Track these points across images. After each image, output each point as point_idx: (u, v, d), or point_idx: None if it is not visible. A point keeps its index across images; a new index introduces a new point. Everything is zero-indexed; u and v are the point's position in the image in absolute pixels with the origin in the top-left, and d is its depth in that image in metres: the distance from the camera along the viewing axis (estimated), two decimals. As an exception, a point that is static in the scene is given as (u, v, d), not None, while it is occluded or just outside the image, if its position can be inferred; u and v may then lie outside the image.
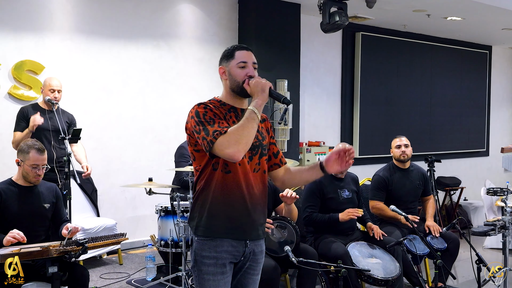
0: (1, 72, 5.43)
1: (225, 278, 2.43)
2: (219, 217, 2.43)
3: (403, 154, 4.91)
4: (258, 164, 2.50)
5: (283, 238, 3.81)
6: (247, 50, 2.52)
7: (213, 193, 2.42)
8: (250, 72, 2.46)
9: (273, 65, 7.10)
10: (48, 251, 3.11)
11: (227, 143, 2.30)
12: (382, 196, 4.83)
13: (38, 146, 3.58)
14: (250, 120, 2.33)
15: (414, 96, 9.36)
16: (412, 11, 7.66)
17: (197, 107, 2.45)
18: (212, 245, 2.41)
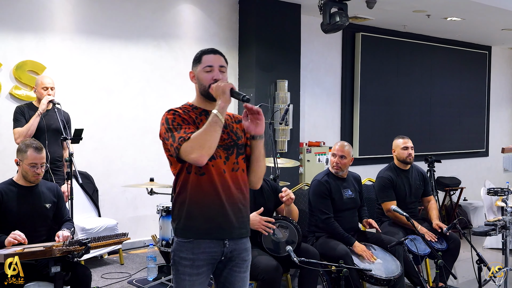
0: (2, 72, 5.43)
1: (200, 278, 2.51)
2: (196, 219, 2.50)
3: (410, 156, 4.91)
4: (236, 163, 2.56)
5: (285, 238, 3.81)
6: (215, 53, 2.57)
7: (189, 195, 2.50)
8: (215, 76, 2.51)
9: (274, 66, 7.11)
10: (51, 251, 3.11)
11: (190, 148, 2.37)
12: (392, 195, 4.78)
13: (36, 145, 3.57)
14: (212, 124, 2.38)
15: (414, 96, 9.37)
16: (412, 12, 7.68)
17: (166, 114, 2.52)
18: (190, 247, 2.49)
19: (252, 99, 6.93)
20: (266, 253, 3.74)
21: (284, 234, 3.82)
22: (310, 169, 7.75)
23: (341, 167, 4.41)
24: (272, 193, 4.07)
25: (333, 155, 4.46)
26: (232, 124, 2.64)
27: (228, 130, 2.59)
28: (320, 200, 4.36)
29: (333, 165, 4.44)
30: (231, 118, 2.67)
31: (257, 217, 3.72)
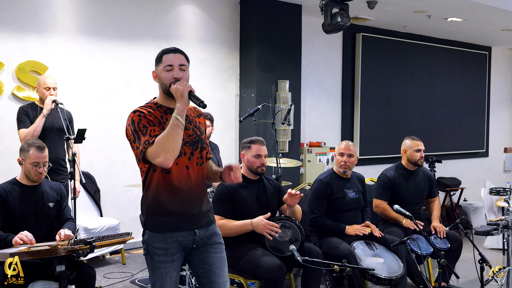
0: (4, 72, 5.44)
1: (175, 264, 2.67)
2: (165, 214, 2.64)
3: (422, 159, 4.92)
4: (200, 157, 2.71)
5: (288, 237, 3.82)
6: (175, 52, 2.65)
7: (157, 192, 2.62)
8: (176, 75, 2.59)
9: (275, 66, 7.13)
10: (57, 250, 3.13)
11: (155, 153, 2.49)
12: (386, 196, 4.84)
13: (38, 144, 3.59)
14: (174, 127, 2.49)
15: (414, 96, 9.38)
16: (413, 12, 7.70)
17: (132, 114, 2.60)
18: (162, 238, 2.64)
19: (253, 100, 6.95)
20: (269, 253, 3.75)
21: (287, 234, 3.83)
22: (311, 169, 7.76)
23: (349, 166, 4.44)
24: (275, 192, 4.08)
25: (340, 154, 4.46)
26: (195, 118, 2.76)
27: (192, 126, 2.71)
28: (315, 199, 4.40)
29: (341, 164, 4.44)
30: (193, 112, 2.78)
31: (263, 221, 3.73)
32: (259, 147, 3.96)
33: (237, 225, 3.79)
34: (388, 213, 4.77)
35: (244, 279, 3.82)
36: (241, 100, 7.17)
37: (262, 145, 3.98)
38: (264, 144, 4.00)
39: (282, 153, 6.93)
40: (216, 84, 7.00)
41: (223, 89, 7.08)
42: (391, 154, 8.87)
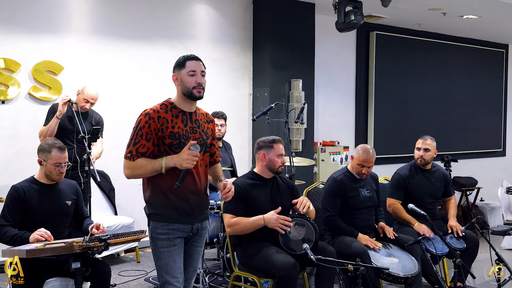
0: (21, 72, 5.49)
1: (176, 249, 2.94)
2: (170, 208, 2.91)
3: (420, 158, 4.87)
4: (201, 159, 2.99)
5: (302, 236, 3.82)
6: (196, 60, 2.96)
7: (164, 187, 2.89)
8: (199, 80, 2.91)
9: (288, 65, 7.12)
10: (72, 247, 3.16)
11: (126, 168, 2.89)
12: (400, 195, 4.81)
13: (59, 145, 3.63)
14: (153, 169, 2.84)
15: (429, 95, 9.30)
16: (428, 10, 7.64)
17: (143, 116, 2.89)
18: (165, 225, 2.92)
19: (266, 99, 6.95)
20: (283, 251, 3.74)
21: (301, 232, 3.83)
22: (324, 168, 7.74)
23: (365, 174, 4.44)
24: (289, 191, 4.08)
25: (360, 165, 4.43)
26: (204, 124, 3.05)
27: (200, 130, 3.00)
28: (329, 198, 4.38)
29: (358, 173, 4.43)
30: (204, 117, 3.08)
31: (274, 215, 3.73)
32: (280, 147, 3.98)
33: (249, 222, 3.80)
34: (400, 214, 4.73)
35: (257, 278, 3.82)
36: (254, 99, 7.17)
37: (282, 144, 4.01)
38: (283, 143, 4.03)
39: (296, 152, 6.92)
40: (229, 84, 7.01)
41: (236, 88, 7.09)
42: (406, 154, 8.81)
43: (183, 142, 2.89)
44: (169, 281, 2.91)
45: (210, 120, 3.13)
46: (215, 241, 4.81)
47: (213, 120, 3.16)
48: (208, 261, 5.49)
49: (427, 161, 4.87)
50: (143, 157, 2.85)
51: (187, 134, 2.92)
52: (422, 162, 4.86)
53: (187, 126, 2.95)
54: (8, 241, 3.39)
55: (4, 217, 3.47)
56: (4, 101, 5.41)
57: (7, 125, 5.42)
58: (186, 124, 2.95)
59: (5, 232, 3.40)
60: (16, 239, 3.35)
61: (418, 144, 4.91)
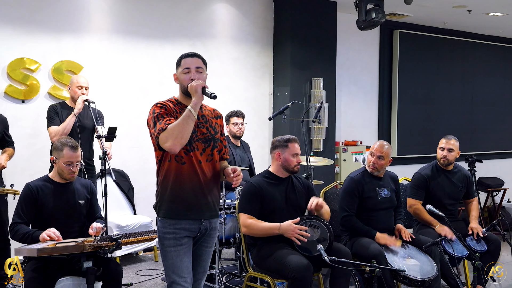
0: (41, 72, 5.55)
1: (183, 249, 2.92)
2: (177, 201, 2.90)
3: (444, 158, 4.76)
4: (210, 155, 2.99)
5: (316, 237, 3.76)
6: (192, 57, 2.96)
7: (172, 182, 2.90)
8: (192, 76, 2.90)
9: (309, 64, 7.05)
10: (83, 246, 3.16)
11: (165, 138, 2.77)
12: (421, 195, 4.70)
13: (72, 143, 3.63)
14: (185, 118, 2.78)
15: (454, 94, 9.14)
16: (452, 7, 7.48)
17: (155, 106, 2.92)
18: (172, 223, 2.91)
19: (287, 98, 6.89)
20: (297, 252, 3.69)
21: (316, 233, 3.77)
22: (346, 168, 7.65)
23: (377, 168, 4.33)
24: (304, 190, 4.03)
25: (371, 154, 4.37)
26: (212, 119, 3.06)
27: (208, 125, 3.01)
28: (346, 197, 4.30)
29: (369, 165, 4.35)
30: (212, 113, 3.10)
31: (291, 225, 3.68)
32: (296, 146, 3.94)
33: (265, 228, 3.76)
34: (422, 215, 4.62)
35: (271, 279, 3.77)
36: (274, 99, 7.13)
37: (297, 144, 3.96)
38: (298, 143, 3.98)
39: (317, 152, 6.85)
40: (249, 83, 6.97)
41: (256, 87, 7.05)
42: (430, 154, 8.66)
43: (192, 137, 2.88)
44: (177, 280, 2.90)
45: (218, 115, 3.15)
46: (231, 241, 4.78)
47: (221, 116, 3.18)
48: (225, 261, 5.46)
49: (450, 161, 4.77)
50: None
51: (194, 128, 2.89)
52: (445, 162, 4.75)
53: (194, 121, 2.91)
54: (20, 239, 3.41)
55: (18, 215, 3.50)
56: (24, 101, 5.47)
57: (27, 124, 5.48)
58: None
59: (17, 230, 3.42)
60: (27, 237, 3.38)
61: (442, 144, 4.80)
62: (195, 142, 2.92)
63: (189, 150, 2.89)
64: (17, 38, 5.42)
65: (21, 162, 5.41)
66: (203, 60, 2.99)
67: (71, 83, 4.85)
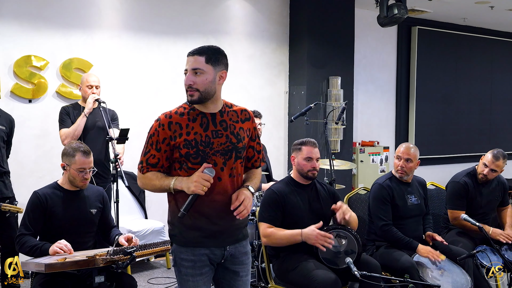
0: (49, 70, 5.33)
1: (204, 278, 2.50)
2: (193, 228, 2.47)
3: (483, 176, 4.41)
4: (233, 168, 2.51)
5: (343, 248, 3.50)
6: (192, 55, 2.49)
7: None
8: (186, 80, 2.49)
9: (326, 62, 6.81)
10: (94, 260, 2.92)
11: (138, 177, 2.53)
12: (463, 204, 4.37)
13: (84, 149, 3.37)
14: (162, 188, 2.47)
15: (474, 93, 8.91)
16: (474, 3, 7.23)
17: (155, 121, 2.50)
18: (190, 249, 2.49)
19: (303, 97, 6.66)
20: (323, 265, 3.44)
21: (343, 244, 3.51)
22: (363, 170, 7.41)
23: (406, 171, 4.06)
24: (329, 198, 3.77)
25: (397, 157, 4.11)
26: (234, 124, 2.55)
27: (227, 133, 2.51)
28: (380, 206, 4.02)
29: (398, 169, 4.09)
30: (237, 116, 2.59)
31: (314, 231, 3.41)
32: (310, 149, 3.66)
33: (286, 235, 3.49)
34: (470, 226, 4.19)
35: (295, 293, 3.52)
36: (290, 98, 6.88)
37: (314, 147, 3.68)
38: (316, 146, 3.70)
39: (334, 154, 6.60)
40: (264, 81, 6.73)
41: (271, 86, 6.81)
42: (449, 154, 8.46)
43: (202, 150, 2.43)
44: None
45: (248, 117, 2.62)
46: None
47: (251, 118, 2.63)
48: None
49: (489, 179, 4.45)
50: (154, 171, 2.47)
51: (207, 140, 2.45)
52: (483, 179, 4.44)
53: (208, 130, 2.47)
54: (27, 252, 3.16)
55: (25, 226, 3.25)
56: (31, 100, 5.25)
57: (35, 124, 5.26)
58: (207, 128, 2.47)
59: (24, 242, 3.18)
60: (35, 250, 3.13)
61: (487, 162, 4.40)
62: (212, 156, 2.44)
63: None
64: (24, 35, 5.20)
65: (29, 164, 5.20)
66: (206, 58, 2.46)
67: (82, 82, 4.64)
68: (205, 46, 2.50)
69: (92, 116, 4.54)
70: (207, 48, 2.48)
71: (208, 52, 2.47)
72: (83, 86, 4.59)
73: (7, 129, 4.35)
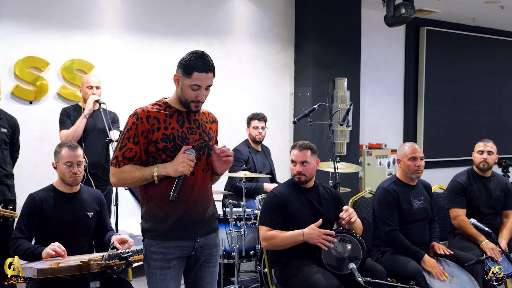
0: (50, 71, 5.26)
1: (171, 272, 2.54)
2: (164, 222, 2.53)
3: (484, 162, 4.38)
4: (206, 164, 2.63)
5: (347, 253, 3.39)
6: (207, 72, 2.52)
7: (158, 199, 2.53)
8: (199, 97, 2.54)
9: (332, 63, 6.70)
10: (89, 266, 2.83)
11: (112, 173, 2.52)
12: (463, 203, 4.30)
13: (70, 143, 3.31)
14: (143, 178, 2.48)
15: (483, 94, 8.79)
16: (484, 3, 7.10)
17: (131, 116, 2.58)
18: (160, 242, 2.54)
19: (308, 99, 6.57)
20: (326, 271, 3.33)
21: (347, 249, 3.40)
22: (370, 173, 7.29)
23: (422, 170, 3.96)
24: (333, 202, 3.65)
25: (411, 159, 3.96)
26: (206, 123, 2.71)
27: (200, 131, 2.65)
28: (385, 210, 3.90)
29: (415, 170, 3.94)
30: (206, 117, 2.74)
31: (315, 230, 3.31)
32: (295, 152, 3.56)
33: (287, 237, 3.40)
34: (466, 229, 4.18)
35: (297, 300, 3.41)
36: (295, 99, 6.78)
37: (300, 150, 3.54)
38: (304, 149, 3.54)
39: (340, 156, 6.48)
40: (269, 82, 6.64)
41: (276, 87, 6.71)
42: (458, 157, 8.32)
43: (179, 144, 2.53)
44: None
45: (213, 120, 2.79)
46: (251, 254, 4.45)
47: (216, 121, 2.82)
48: (243, 273, 5.12)
49: (490, 165, 4.40)
50: (130, 163, 2.50)
51: (184, 135, 2.56)
52: (485, 166, 4.37)
53: (184, 127, 2.58)
54: (21, 255, 3.07)
55: (19, 229, 3.17)
56: (32, 102, 5.19)
57: (35, 126, 5.19)
58: (183, 124, 2.58)
59: (18, 246, 3.09)
60: (28, 254, 3.04)
61: (480, 147, 4.42)
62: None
63: None
64: (24, 36, 5.14)
65: (29, 166, 5.12)
66: (214, 73, 2.57)
67: (82, 83, 4.58)
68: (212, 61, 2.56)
69: (92, 119, 4.48)
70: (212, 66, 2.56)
71: (214, 70, 2.58)
72: (84, 87, 4.53)
73: (10, 132, 4.29)
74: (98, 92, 4.52)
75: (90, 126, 4.45)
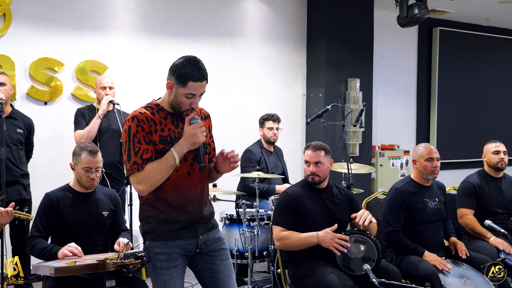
0: (64, 72, 5.31)
1: (178, 270, 2.56)
2: (166, 222, 2.54)
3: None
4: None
5: (361, 254, 3.38)
6: (201, 81, 2.51)
7: (156, 200, 2.54)
8: (193, 104, 2.54)
9: (344, 63, 6.70)
10: (105, 264, 2.86)
11: (139, 180, 2.46)
12: (472, 203, 4.30)
13: (91, 148, 3.32)
14: (168, 166, 2.46)
15: (497, 95, 8.72)
16: (498, 3, 7.05)
17: (130, 122, 2.52)
18: (164, 243, 2.55)
19: (321, 99, 6.56)
20: (340, 271, 3.32)
21: (361, 250, 3.39)
22: (383, 174, 7.26)
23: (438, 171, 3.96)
24: (347, 203, 3.64)
25: (428, 160, 3.94)
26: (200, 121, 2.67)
27: None
28: (391, 211, 3.90)
29: (432, 171, 3.93)
30: (199, 114, 2.69)
31: (329, 234, 3.31)
32: (308, 153, 3.57)
33: (301, 238, 3.40)
34: (474, 227, 4.21)
35: (311, 300, 3.40)
36: (308, 100, 6.78)
37: (314, 151, 3.55)
38: (317, 150, 3.54)
39: (353, 157, 6.46)
40: (281, 83, 6.64)
41: (288, 88, 6.71)
42: (472, 158, 8.25)
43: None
44: None
45: (206, 116, 2.76)
46: (265, 254, 4.45)
47: (209, 116, 2.79)
48: (256, 273, 5.13)
49: (506, 165, 4.39)
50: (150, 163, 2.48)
51: (180, 136, 2.54)
52: (503, 166, 4.39)
53: (179, 127, 2.57)
54: (37, 254, 3.12)
55: (36, 228, 3.21)
56: (46, 102, 5.23)
57: (49, 127, 5.23)
58: (178, 125, 2.58)
59: (34, 245, 3.13)
60: (45, 253, 3.08)
61: (495, 148, 4.41)
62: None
63: None
64: (38, 37, 5.18)
65: (43, 167, 5.16)
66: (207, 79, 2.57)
67: (96, 84, 4.64)
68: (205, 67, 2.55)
69: (107, 119, 4.52)
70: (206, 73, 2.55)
71: (207, 77, 2.56)
72: (97, 88, 4.58)
73: (25, 132, 4.35)
74: (112, 93, 4.55)
75: (104, 126, 4.49)
